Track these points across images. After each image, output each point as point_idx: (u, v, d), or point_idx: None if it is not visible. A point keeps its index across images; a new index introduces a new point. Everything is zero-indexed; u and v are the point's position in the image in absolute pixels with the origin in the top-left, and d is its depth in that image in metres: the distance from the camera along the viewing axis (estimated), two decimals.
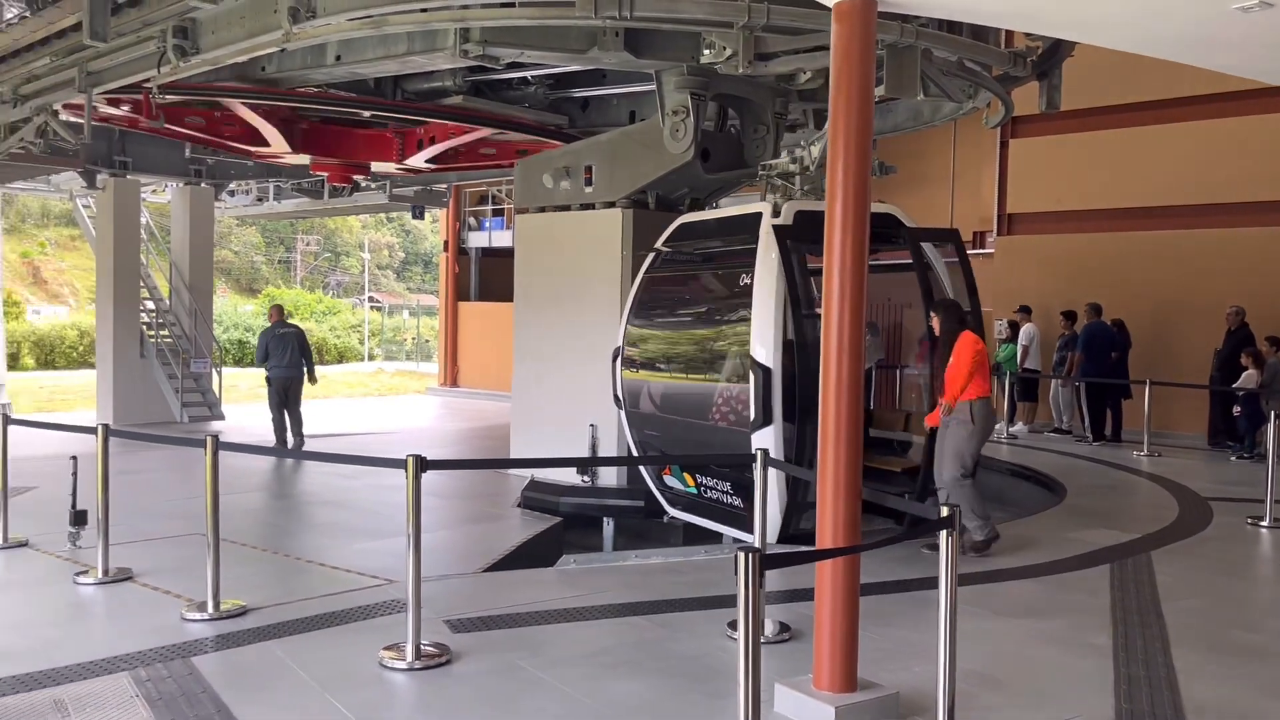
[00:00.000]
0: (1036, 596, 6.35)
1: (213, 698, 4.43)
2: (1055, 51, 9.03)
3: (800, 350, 6.99)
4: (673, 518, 8.81)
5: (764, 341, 7.12)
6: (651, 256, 8.74)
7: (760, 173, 8.24)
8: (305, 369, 13.22)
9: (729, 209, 8.76)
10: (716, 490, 7.86)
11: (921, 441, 7.71)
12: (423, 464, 4.92)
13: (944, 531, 3.91)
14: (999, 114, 9.91)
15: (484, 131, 12.17)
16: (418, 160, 13.57)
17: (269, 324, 13.48)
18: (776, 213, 7.37)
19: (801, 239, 7.20)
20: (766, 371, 7.06)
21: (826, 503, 4.33)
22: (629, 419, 8.89)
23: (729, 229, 8.12)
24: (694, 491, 8.15)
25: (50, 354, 37.92)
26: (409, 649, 4.89)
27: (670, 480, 8.48)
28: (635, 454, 8.95)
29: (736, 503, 7.62)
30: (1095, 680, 4.82)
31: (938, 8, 5.35)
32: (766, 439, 7.00)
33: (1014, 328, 14.89)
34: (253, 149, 13.41)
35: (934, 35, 7.17)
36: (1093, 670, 4.96)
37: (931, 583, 6.11)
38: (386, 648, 4.99)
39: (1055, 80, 9.20)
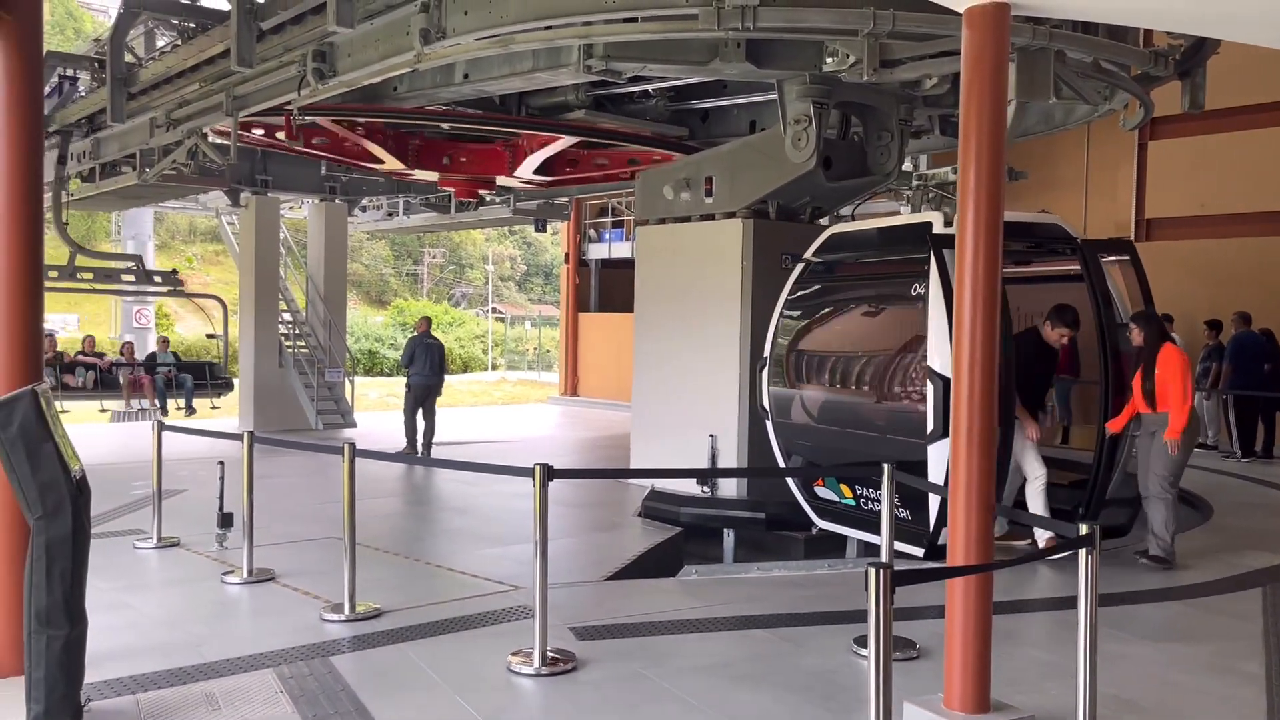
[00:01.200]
0: (1181, 619, 6.07)
1: (351, 696, 4.60)
2: (1199, 49, 8.61)
3: None
4: (821, 529, 8.68)
5: (942, 352, 6.99)
6: (800, 267, 8.67)
7: (916, 183, 8.10)
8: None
9: (889, 219, 8.61)
10: (878, 502, 7.73)
11: (1082, 457, 7.49)
12: (550, 473, 5.02)
13: (1083, 550, 3.78)
14: (1137, 115, 9.47)
15: (574, 139, 12.33)
16: (525, 171, 13.78)
17: (416, 333, 14.16)
18: (948, 222, 7.26)
19: None
20: (945, 382, 6.93)
21: (958, 518, 4.23)
22: (776, 429, 8.81)
23: (893, 239, 8.02)
24: (851, 503, 8.01)
25: None
26: (536, 655, 4.98)
27: (823, 491, 8.33)
28: (782, 465, 8.84)
29: (904, 515, 7.46)
30: (1246, 709, 4.58)
31: (1074, 9, 5.18)
32: (944, 450, 6.89)
33: None
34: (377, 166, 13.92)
35: (1068, 36, 6.93)
36: (1244, 699, 4.71)
37: (1063, 602, 5.90)
38: (514, 653, 5.10)
39: (1199, 79, 8.76)
